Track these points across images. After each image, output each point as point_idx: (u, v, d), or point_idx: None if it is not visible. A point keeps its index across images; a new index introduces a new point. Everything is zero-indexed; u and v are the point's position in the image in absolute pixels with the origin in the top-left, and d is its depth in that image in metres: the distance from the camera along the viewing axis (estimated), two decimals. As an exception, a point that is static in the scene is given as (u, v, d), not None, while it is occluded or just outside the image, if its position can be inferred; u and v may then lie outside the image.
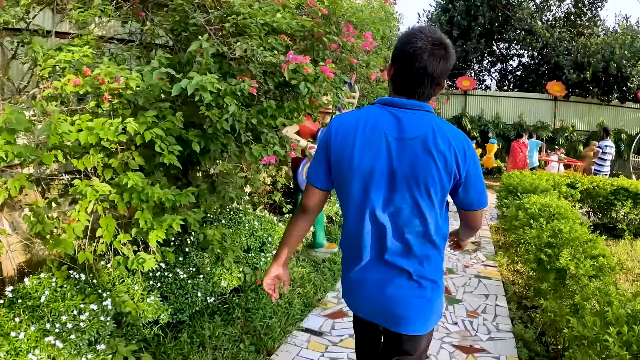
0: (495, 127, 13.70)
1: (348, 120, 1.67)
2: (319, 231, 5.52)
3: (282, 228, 4.54)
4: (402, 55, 1.58)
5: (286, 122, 3.38)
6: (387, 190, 1.62)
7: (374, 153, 1.60)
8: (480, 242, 6.14)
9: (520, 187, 5.47)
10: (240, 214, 4.26)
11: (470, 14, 14.44)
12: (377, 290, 1.72)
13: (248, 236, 4.10)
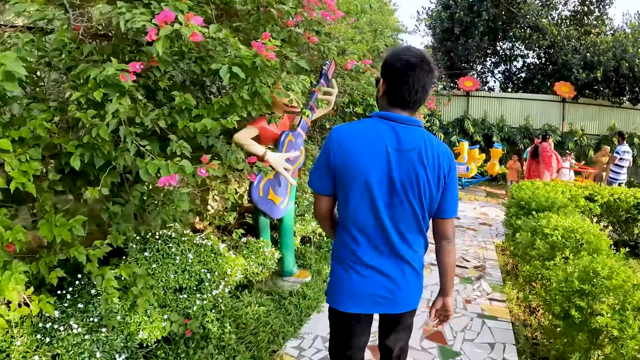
0: (500, 130, 12.62)
1: (351, 132, 1.83)
2: (287, 256, 4.55)
3: (232, 258, 3.55)
4: (396, 70, 1.80)
5: (225, 123, 2.53)
6: (388, 195, 1.82)
7: (376, 163, 1.78)
8: (485, 266, 5.07)
9: (534, 202, 4.41)
10: (171, 243, 3.25)
11: (472, 10, 13.39)
12: (384, 281, 1.89)
13: (180, 272, 3.13)
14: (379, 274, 1.88)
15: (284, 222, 4.53)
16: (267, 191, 4.04)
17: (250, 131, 3.97)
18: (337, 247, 1.96)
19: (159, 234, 3.23)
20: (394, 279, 1.89)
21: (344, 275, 1.92)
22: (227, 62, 2.51)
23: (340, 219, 1.93)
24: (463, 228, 6.81)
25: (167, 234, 3.27)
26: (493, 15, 13.52)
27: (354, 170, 1.79)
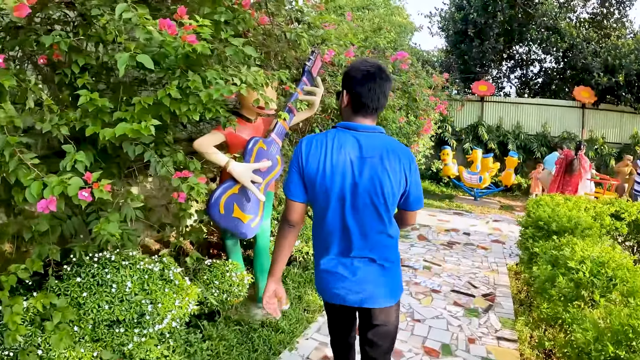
0: (516, 138, 11.80)
1: (317, 144, 1.97)
2: (262, 280, 3.93)
3: (187, 286, 2.98)
4: (358, 81, 1.97)
5: (139, 129, 2.16)
6: (352, 199, 1.95)
7: (341, 171, 1.93)
8: (495, 294, 4.33)
9: (554, 222, 3.67)
10: (109, 268, 2.71)
11: (487, 10, 12.59)
12: (352, 277, 2.02)
13: (117, 302, 2.62)
14: (347, 272, 2.02)
15: (258, 242, 3.90)
16: (230, 207, 3.38)
17: (215, 137, 3.36)
18: (316, 247, 2.13)
19: (98, 255, 2.74)
20: (359, 276, 2.02)
21: (320, 273, 2.09)
22: (138, 48, 1.90)
23: (314, 220, 2.09)
24: (473, 246, 6.06)
25: (105, 257, 2.76)
26: (508, 16, 12.71)
27: (322, 180, 1.94)
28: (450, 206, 8.91)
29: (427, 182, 11.65)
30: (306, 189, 2.01)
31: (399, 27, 9.32)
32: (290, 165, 2.03)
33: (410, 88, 6.92)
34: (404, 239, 6.24)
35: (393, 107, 6.02)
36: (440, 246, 5.98)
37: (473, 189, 9.71)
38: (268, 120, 3.75)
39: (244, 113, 3.59)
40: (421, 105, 7.55)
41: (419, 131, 8.92)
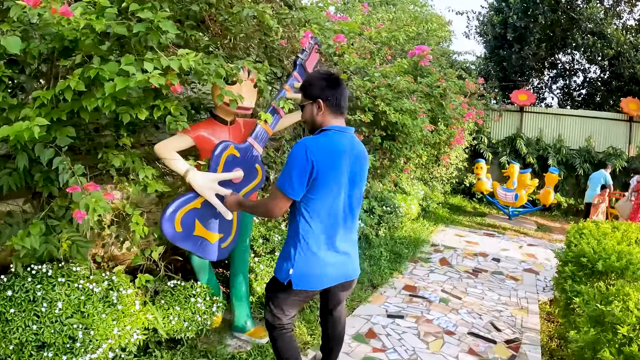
0: (557, 152, 10.79)
1: (326, 145, 2.19)
2: (238, 307, 3.38)
3: (136, 311, 2.66)
4: (330, 87, 2.25)
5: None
6: (351, 189, 2.31)
7: (346, 166, 2.24)
8: (521, 341, 3.54)
9: (600, 261, 2.88)
10: (44, 283, 2.46)
11: (527, 13, 11.63)
12: (350, 256, 2.39)
13: (48, 323, 2.38)
14: (344, 253, 2.36)
15: (234, 265, 3.33)
16: (190, 224, 2.77)
17: (180, 141, 2.85)
18: (313, 237, 2.25)
19: (37, 268, 2.52)
20: (351, 255, 2.42)
21: (315, 262, 2.27)
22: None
23: (312, 215, 2.23)
24: (502, 275, 5.23)
25: (42, 271, 2.51)
26: (550, 20, 11.72)
27: (333, 175, 2.20)
28: (481, 225, 8.06)
29: (459, 197, 10.78)
30: (307, 186, 2.18)
31: (434, 33, 8.54)
32: (298, 165, 2.13)
33: (436, 91, 6.17)
34: (423, 263, 5.48)
35: (414, 112, 5.28)
36: (464, 274, 5.19)
37: (508, 207, 8.80)
38: (252, 123, 3.12)
39: (217, 113, 2.98)
40: (448, 111, 6.77)
41: (450, 141, 8.15)
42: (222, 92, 2.41)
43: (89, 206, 2.02)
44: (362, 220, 5.31)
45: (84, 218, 2.05)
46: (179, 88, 2.18)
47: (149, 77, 1.87)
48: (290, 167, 2.16)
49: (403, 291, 4.52)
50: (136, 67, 1.92)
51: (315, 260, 2.26)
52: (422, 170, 8.62)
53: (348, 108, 5.03)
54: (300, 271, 2.26)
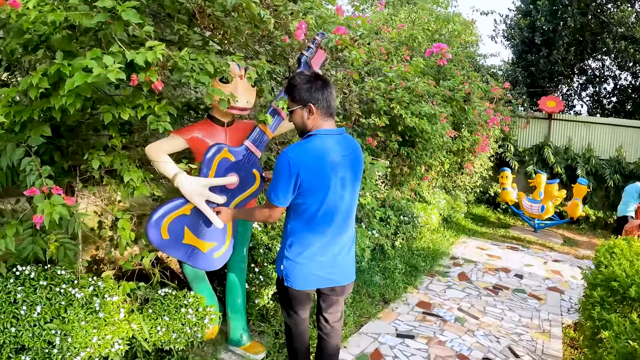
0: (586, 162, 10.28)
1: (310, 151, 2.19)
2: (233, 320, 3.21)
3: (120, 320, 2.58)
4: (320, 91, 2.22)
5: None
6: (342, 191, 2.27)
7: (334, 171, 2.22)
8: (542, 369, 3.23)
9: (634, 286, 2.57)
10: (25, 285, 2.45)
11: (556, 16, 11.15)
12: (344, 259, 2.39)
13: (27, 327, 2.36)
14: (339, 255, 2.37)
15: (230, 275, 3.12)
16: (179, 232, 2.58)
17: (171, 142, 2.70)
18: (306, 240, 2.30)
19: (21, 269, 2.52)
20: (346, 258, 2.43)
21: (310, 264, 2.31)
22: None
23: (300, 218, 2.28)
24: (524, 294, 4.87)
25: (25, 273, 2.50)
26: (580, 24, 11.20)
27: (322, 179, 2.19)
28: (505, 238, 7.68)
29: (482, 207, 10.37)
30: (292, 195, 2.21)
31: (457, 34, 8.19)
32: (283, 176, 2.16)
33: (458, 94, 5.85)
34: (440, 277, 5.18)
35: (434, 116, 4.99)
36: (484, 291, 4.86)
37: (533, 219, 8.40)
38: (251, 125, 2.91)
39: (213, 114, 2.77)
40: (471, 116, 6.43)
41: (474, 148, 7.81)
42: (208, 91, 2.20)
43: (44, 210, 1.81)
44: (377, 230, 5.04)
45: (41, 222, 1.89)
46: (159, 85, 1.99)
47: (107, 72, 1.66)
48: (276, 178, 2.19)
49: (416, 308, 4.23)
50: (99, 62, 1.72)
51: (303, 261, 2.31)
52: (445, 178, 8.28)
53: (362, 111, 4.82)
54: (289, 269, 2.33)
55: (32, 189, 1.96)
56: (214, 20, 2.49)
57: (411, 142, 5.53)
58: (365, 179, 3.70)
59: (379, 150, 5.13)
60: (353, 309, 3.94)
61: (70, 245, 2.50)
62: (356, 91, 4.11)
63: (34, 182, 2.06)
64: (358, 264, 4.55)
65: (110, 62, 1.73)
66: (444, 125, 5.21)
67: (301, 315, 2.53)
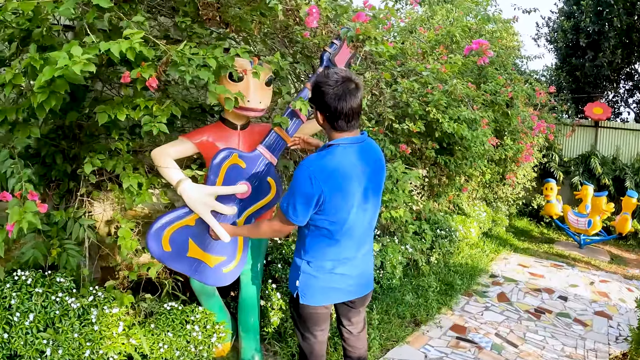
0: (635, 173, 9.60)
1: (333, 165, 1.99)
2: (245, 340, 2.95)
3: (118, 334, 2.43)
4: (332, 100, 1.95)
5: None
6: (363, 203, 2.11)
7: (357, 185, 2.05)
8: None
9: None
10: (22, 291, 2.37)
11: (601, 16, 10.51)
12: (363, 270, 2.26)
13: (20, 334, 2.28)
14: (361, 266, 2.24)
15: (242, 292, 2.86)
16: (182, 244, 2.35)
17: (179, 147, 2.51)
18: (328, 254, 2.14)
19: (19, 274, 2.44)
20: (367, 268, 2.31)
21: (329, 279, 2.16)
22: None
23: (319, 231, 2.09)
24: (569, 319, 4.41)
25: (22, 278, 2.42)
26: (627, 24, 10.50)
27: (342, 197, 2.02)
28: (548, 254, 7.18)
29: (525, 220, 9.84)
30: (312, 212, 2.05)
31: (498, 35, 7.73)
32: (300, 192, 1.99)
33: (499, 97, 5.44)
34: (478, 297, 4.79)
35: (474, 121, 4.59)
36: (525, 314, 4.44)
37: (579, 234, 7.85)
38: (267, 128, 2.64)
39: (226, 116, 2.52)
40: (514, 122, 6.00)
41: (517, 158, 7.33)
42: (210, 88, 1.94)
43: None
44: (411, 245, 4.70)
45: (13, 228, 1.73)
46: (153, 82, 1.76)
47: (73, 65, 1.43)
48: (295, 193, 2.00)
49: (450, 332, 3.87)
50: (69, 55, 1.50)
51: (321, 275, 2.16)
52: (486, 189, 7.84)
53: (396, 115, 4.50)
54: (305, 285, 2.18)
55: (3, 194, 1.81)
56: (217, 9, 2.25)
57: (450, 150, 5.17)
58: (397, 189, 3.39)
59: (415, 159, 4.80)
60: (380, 331, 3.61)
61: (73, 252, 2.46)
62: (387, 93, 3.79)
63: (13, 185, 1.93)
64: (388, 281, 4.24)
65: (78, 53, 1.50)
66: (484, 131, 4.81)
67: (318, 338, 2.34)
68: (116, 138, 2.48)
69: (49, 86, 1.56)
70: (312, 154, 2.08)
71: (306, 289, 2.17)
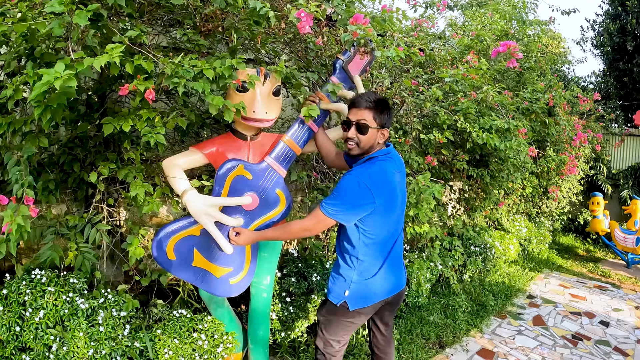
0: (688, 186, 9.16)
1: (383, 178, 2.20)
2: (255, 352, 2.98)
3: (123, 334, 2.45)
4: (390, 117, 2.31)
5: None
6: (400, 211, 2.39)
7: (397, 189, 2.28)
8: None
9: None
10: (36, 289, 2.55)
11: (648, 16, 10.10)
12: (399, 269, 2.47)
13: (30, 328, 2.47)
14: (397, 268, 2.46)
15: (252, 304, 2.90)
16: (187, 253, 2.41)
17: (189, 157, 2.55)
18: (374, 257, 2.32)
19: (35, 272, 2.64)
20: (402, 268, 2.53)
21: (373, 282, 2.33)
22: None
23: (369, 237, 2.26)
24: (609, 348, 4.20)
25: (37, 277, 2.61)
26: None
27: (391, 207, 2.25)
28: (593, 274, 6.90)
29: (570, 236, 9.50)
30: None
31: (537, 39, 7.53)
32: (355, 203, 2.14)
33: (536, 105, 5.27)
34: (512, 320, 4.64)
35: (508, 131, 4.43)
36: (560, 340, 4.27)
37: (626, 253, 7.52)
38: (278, 139, 2.65)
39: (236, 127, 2.56)
40: (553, 130, 5.79)
41: (561, 170, 7.09)
42: (207, 100, 1.96)
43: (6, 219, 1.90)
44: (440, 262, 4.61)
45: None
46: (150, 94, 1.81)
47: (55, 81, 1.50)
48: (347, 198, 2.16)
49: (476, 357, 3.77)
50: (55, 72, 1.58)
51: (371, 281, 2.33)
52: (527, 203, 7.62)
53: (424, 126, 4.44)
54: (356, 292, 2.32)
55: (0, 197, 1.97)
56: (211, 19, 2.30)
57: (485, 162, 5.05)
58: (418, 204, 3.34)
59: (446, 171, 4.70)
60: (400, 352, 3.55)
61: (89, 255, 2.62)
62: (409, 101, 3.73)
63: (17, 191, 2.07)
64: (414, 299, 4.16)
65: (60, 69, 1.57)
66: (520, 141, 4.63)
67: (342, 343, 2.50)
68: (128, 148, 2.56)
69: (44, 100, 1.64)
70: (358, 167, 2.24)
71: (356, 295, 2.33)
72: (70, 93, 1.62)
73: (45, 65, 1.91)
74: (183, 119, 2.23)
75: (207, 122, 3.00)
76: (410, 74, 3.74)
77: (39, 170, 2.66)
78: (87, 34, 1.90)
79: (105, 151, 2.74)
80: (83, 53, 1.73)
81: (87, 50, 1.99)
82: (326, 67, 2.97)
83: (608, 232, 7.95)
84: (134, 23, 2.16)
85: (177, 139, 3.22)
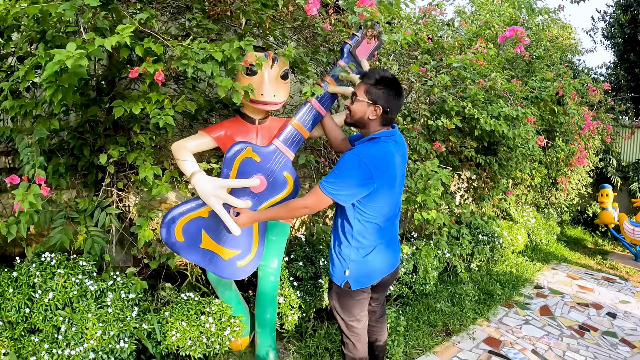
0: (700, 181, 9.11)
1: (384, 158, 2.23)
2: (262, 336, 3.02)
3: (132, 316, 2.48)
4: (392, 98, 2.24)
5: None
6: (399, 190, 2.41)
7: (397, 170, 2.32)
8: None
9: None
10: (46, 271, 2.60)
11: (659, 7, 10.04)
12: (395, 249, 2.51)
13: (39, 310, 2.53)
14: (395, 246, 2.52)
15: (260, 287, 2.96)
16: (195, 235, 2.45)
17: (198, 140, 2.61)
18: (373, 238, 2.35)
19: (45, 255, 2.69)
20: (398, 247, 2.57)
21: (373, 260, 2.37)
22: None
23: (366, 217, 2.29)
24: (615, 339, 4.22)
25: (47, 260, 2.66)
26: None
27: (390, 188, 2.30)
28: (601, 267, 6.91)
29: (579, 228, 9.49)
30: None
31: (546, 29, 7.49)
32: (355, 182, 2.16)
33: (544, 93, 5.26)
34: (519, 309, 4.67)
35: (517, 119, 4.42)
36: (567, 330, 4.29)
37: (636, 245, 7.51)
38: (286, 123, 2.69)
39: (244, 110, 2.60)
40: (561, 119, 5.78)
41: (570, 161, 7.07)
42: (216, 81, 2.00)
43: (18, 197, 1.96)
44: (448, 250, 4.64)
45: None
46: (160, 76, 1.85)
47: (66, 60, 1.54)
48: (345, 178, 2.18)
49: (482, 345, 3.79)
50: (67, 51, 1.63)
51: (369, 259, 2.36)
52: (536, 194, 7.62)
53: (432, 112, 4.45)
54: (356, 271, 2.36)
55: (12, 177, 2.01)
56: (219, 3, 2.33)
57: (494, 150, 5.05)
58: (426, 190, 3.36)
59: (454, 158, 4.71)
60: (406, 339, 3.59)
61: (98, 238, 2.66)
62: (417, 87, 3.75)
63: (28, 171, 2.11)
64: (421, 287, 4.19)
65: (72, 49, 1.61)
66: (527, 128, 4.62)
67: (362, 322, 2.53)
68: (138, 132, 2.60)
69: (56, 81, 1.68)
70: (360, 145, 2.26)
71: (356, 275, 2.36)
72: (81, 73, 1.66)
73: (56, 47, 1.95)
74: (192, 103, 2.27)
75: (216, 107, 3.04)
76: (419, 60, 3.74)
77: (50, 156, 2.72)
78: (97, 15, 1.93)
79: (115, 135, 2.79)
80: (94, 34, 1.77)
81: (98, 32, 2.03)
82: (334, 53, 2.99)
83: (617, 224, 7.95)
84: (144, 8, 2.19)
85: (186, 124, 3.26)
